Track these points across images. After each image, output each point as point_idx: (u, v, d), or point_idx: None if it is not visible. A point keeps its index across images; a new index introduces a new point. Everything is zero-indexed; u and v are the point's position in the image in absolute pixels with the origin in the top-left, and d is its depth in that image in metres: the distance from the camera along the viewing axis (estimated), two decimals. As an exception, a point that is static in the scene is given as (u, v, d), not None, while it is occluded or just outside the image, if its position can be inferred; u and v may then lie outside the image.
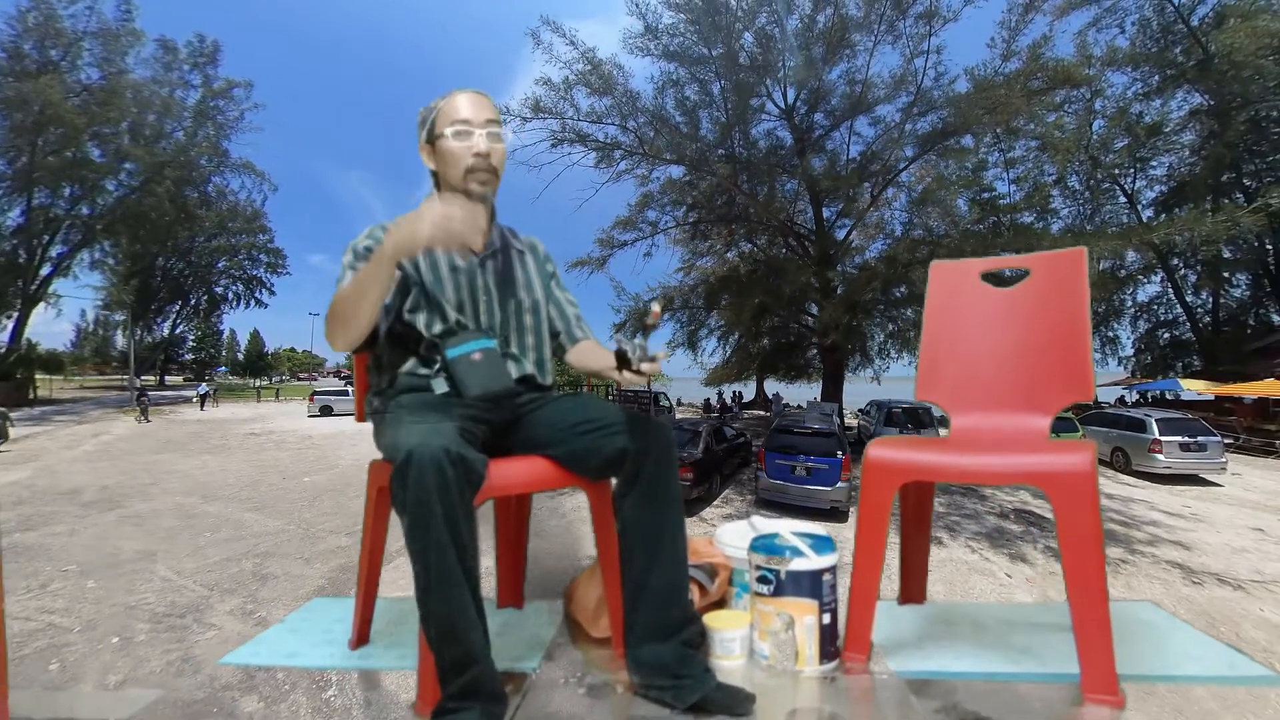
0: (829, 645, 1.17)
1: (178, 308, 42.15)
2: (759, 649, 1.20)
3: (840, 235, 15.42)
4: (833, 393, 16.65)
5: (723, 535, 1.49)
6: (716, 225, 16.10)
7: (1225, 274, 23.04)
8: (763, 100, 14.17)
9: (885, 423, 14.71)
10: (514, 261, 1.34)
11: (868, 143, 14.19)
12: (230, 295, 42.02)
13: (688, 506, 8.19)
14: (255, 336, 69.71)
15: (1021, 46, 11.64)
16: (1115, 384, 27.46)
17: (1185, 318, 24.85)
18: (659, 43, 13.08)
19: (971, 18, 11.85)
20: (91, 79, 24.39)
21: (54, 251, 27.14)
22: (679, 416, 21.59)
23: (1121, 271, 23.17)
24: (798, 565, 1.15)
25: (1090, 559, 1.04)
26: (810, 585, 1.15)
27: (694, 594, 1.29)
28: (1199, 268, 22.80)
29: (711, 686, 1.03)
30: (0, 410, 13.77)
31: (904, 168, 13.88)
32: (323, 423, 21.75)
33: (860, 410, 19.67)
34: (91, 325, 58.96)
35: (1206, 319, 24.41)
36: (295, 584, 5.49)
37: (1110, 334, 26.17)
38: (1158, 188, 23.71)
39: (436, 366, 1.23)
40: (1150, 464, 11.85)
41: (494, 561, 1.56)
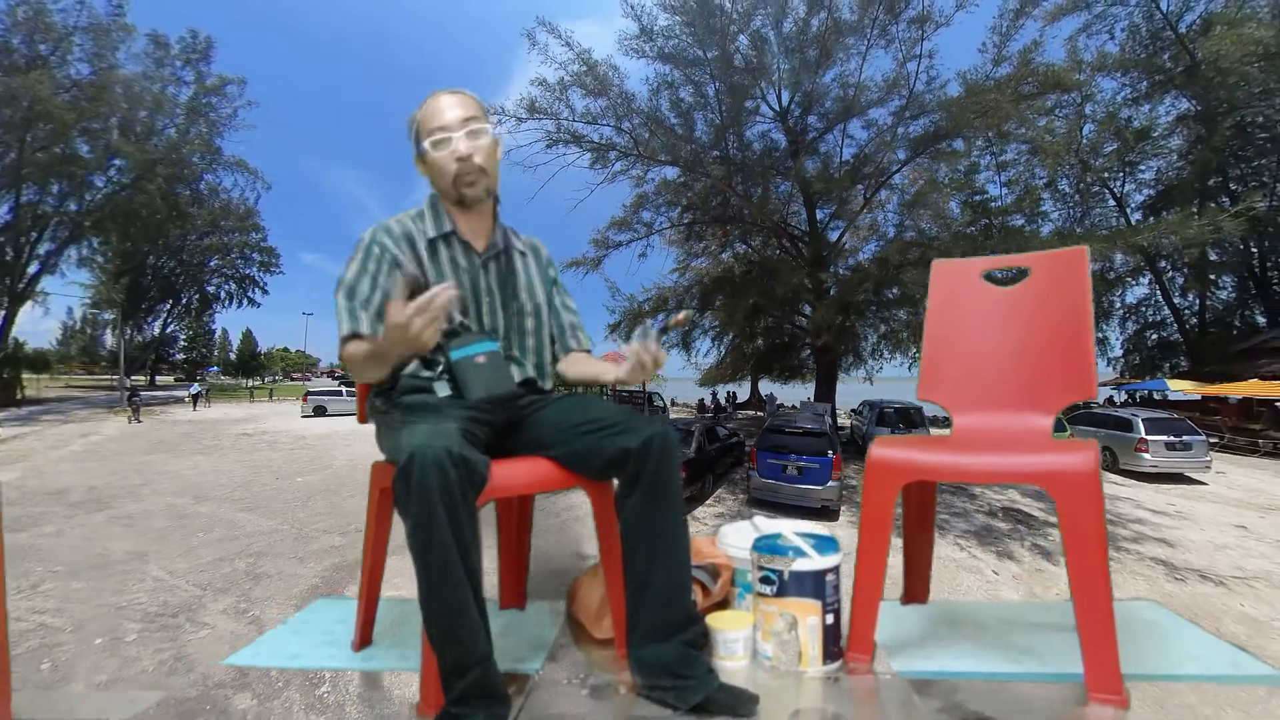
0: (832, 645, 1.16)
1: (169, 306, 41.79)
2: (762, 649, 1.19)
3: (834, 237, 15.48)
4: (826, 393, 16.70)
5: (725, 535, 1.48)
6: (711, 226, 16.11)
7: (1211, 276, 23.32)
8: (757, 102, 14.19)
9: (877, 422, 14.78)
10: (516, 263, 1.34)
11: (860, 145, 14.26)
12: (222, 294, 41.78)
13: (681, 506, 8.21)
14: (248, 336, 69.02)
15: (1012, 52, 11.71)
16: (1104, 384, 27.77)
17: (1173, 319, 25.15)
18: (654, 44, 13.07)
19: (963, 23, 11.93)
20: (81, 74, 24.08)
21: (41, 249, 26.83)
22: (673, 417, 21.59)
23: (1110, 274, 23.39)
24: (801, 565, 1.15)
25: (1093, 558, 1.03)
26: (813, 585, 1.14)
27: (697, 594, 1.28)
28: (1186, 270, 23.06)
29: (714, 687, 1.02)
30: None
31: (896, 170, 13.92)
32: (316, 423, 21.60)
33: (853, 410, 19.75)
34: (79, 323, 58.37)
35: (1193, 321, 24.71)
36: (289, 583, 5.46)
37: (1099, 335, 26.43)
38: (1146, 191, 23.99)
39: (440, 369, 1.23)
40: (1137, 463, 11.98)
41: (496, 562, 1.55)
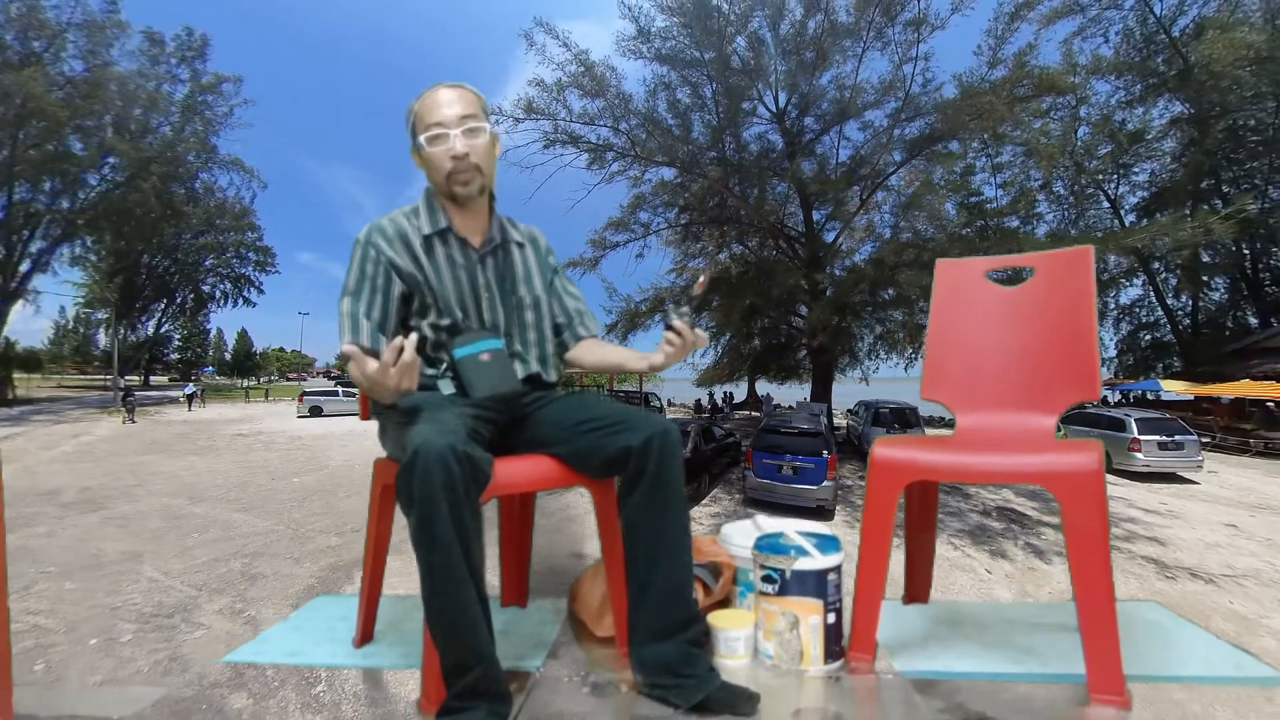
0: (834, 645, 1.16)
1: (163, 306, 41.41)
2: (763, 648, 1.19)
3: (830, 238, 15.52)
4: (822, 393, 16.74)
5: (727, 534, 1.48)
6: (708, 227, 16.12)
7: (1204, 278, 23.50)
8: (754, 104, 14.21)
9: (872, 423, 14.85)
10: (514, 256, 1.32)
11: (857, 147, 14.28)
12: (218, 294, 41.44)
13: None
14: (243, 336, 68.69)
15: (1008, 55, 11.76)
16: (1098, 385, 27.90)
17: (1166, 320, 25.30)
18: (651, 46, 13.08)
19: (959, 25, 11.97)
20: (75, 71, 23.81)
21: (33, 247, 26.58)
22: (669, 417, 21.58)
23: (1104, 275, 23.51)
24: (803, 565, 1.14)
25: (1096, 559, 1.03)
26: (815, 585, 1.14)
27: (698, 593, 1.28)
28: (1179, 272, 23.22)
29: (716, 686, 1.02)
30: None
31: (892, 172, 13.97)
32: (312, 423, 21.53)
33: (849, 410, 19.82)
34: (71, 323, 57.90)
35: (1186, 322, 24.87)
36: (285, 583, 5.45)
37: (1094, 336, 26.57)
38: (1140, 193, 24.16)
39: (444, 367, 1.22)
40: (1129, 462, 12.04)
41: (498, 560, 1.55)
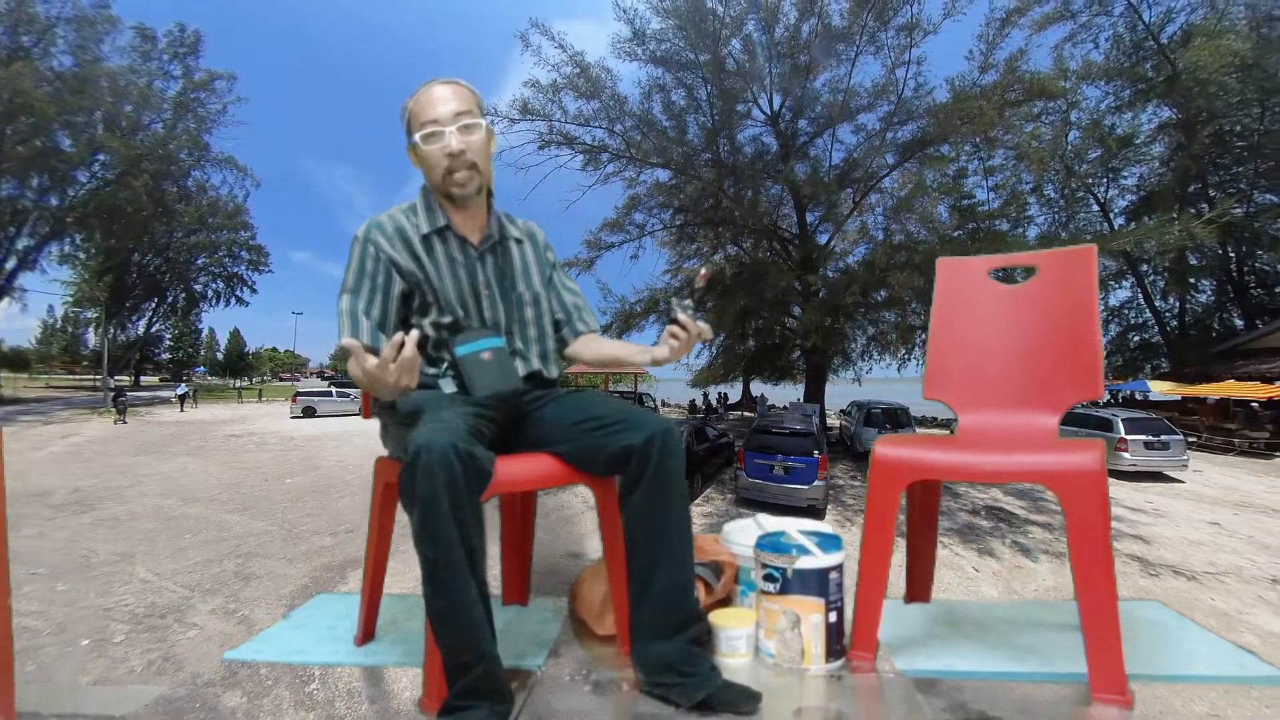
0: (835, 644, 1.16)
1: (154, 305, 40.86)
2: (765, 647, 1.19)
3: (823, 240, 15.58)
4: (815, 394, 16.81)
5: (729, 533, 1.47)
6: (703, 228, 16.15)
7: (1191, 280, 23.75)
8: (748, 106, 14.25)
9: (865, 423, 15.03)
10: (513, 252, 1.32)
11: (849, 150, 14.35)
12: (210, 293, 40.83)
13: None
14: (235, 335, 67.94)
15: (999, 59, 11.82)
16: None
17: (1154, 322, 25.56)
18: (646, 48, 13.09)
19: (951, 30, 12.04)
20: (64, 67, 23.46)
21: (20, 244, 26.19)
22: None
23: (1095, 277, 23.72)
24: (804, 563, 1.14)
25: (1099, 558, 1.03)
26: (817, 583, 1.14)
27: (699, 592, 1.27)
28: (1167, 274, 23.48)
29: (717, 685, 1.02)
30: None
31: (884, 175, 14.04)
32: (306, 424, 21.40)
33: (842, 411, 19.93)
34: (60, 322, 57.14)
35: (1174, 323, 25.12)
36: (278, 583, 5.42)
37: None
38: (1129, 197, 24.37)
39: (445, 366, 1.23)
40: (1116, 462, 12.14)
41: (499, 559, 1.55)
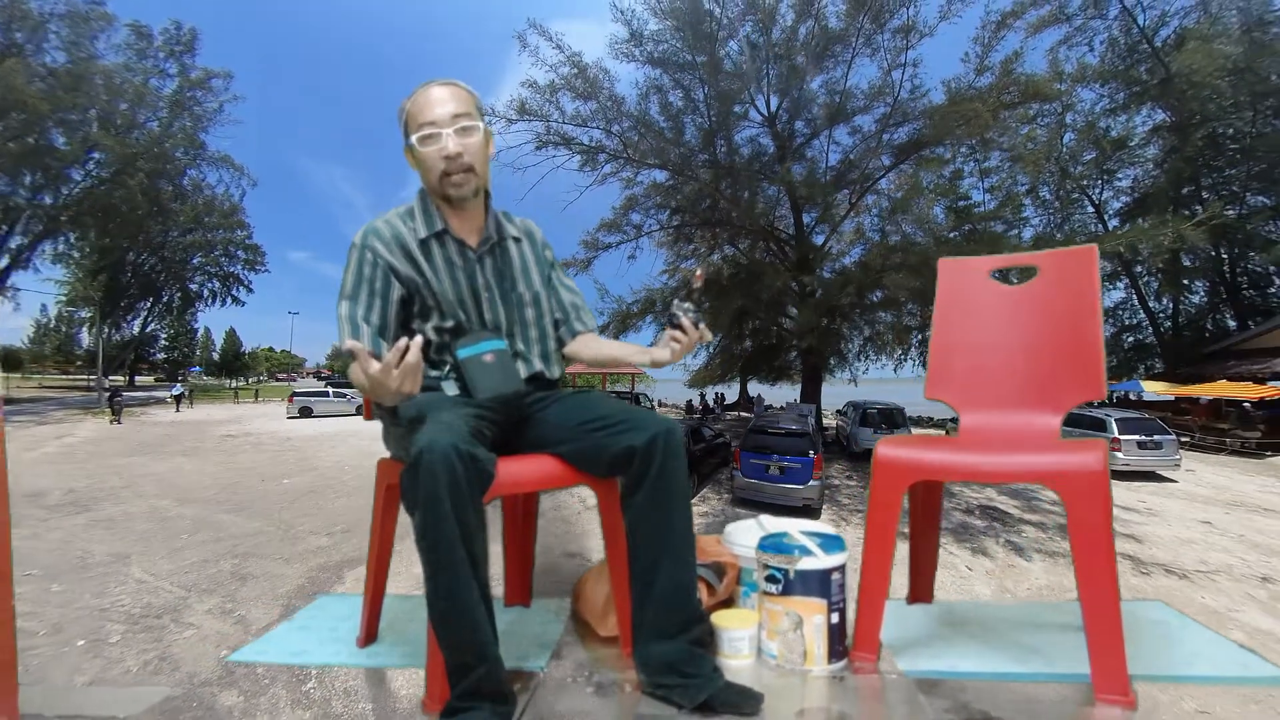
0: (837, 644, 1.16)
1: (149, 305, 40.38)
2: (767, 648, 1.19)
3: (820, 241, 15.63)
4: (811, 394, 16.85)
5: (731, 534, 1.47)
6: (700, 229, 16.17)
7: (1184, 281, 23.92)
8: (745, 107, 14.27)
9: (860, 423, 15.11)
10: (511, 253, 1.32)
11: (846, 152, 14.38)
12: (205, 292, 40.34)
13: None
14: (231, 335, 67.68)
15: (994, 62, 11.86)
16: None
17: (1148, 323, 25.70)
18: (644, 49, 13.10)
19: (947, 33, 12.10)
20: (58, 63, 23.14)
21: (12, 243, 25.95)
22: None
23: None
24: (806, 564, 1.14)
25: (1101, 558, 1.03)
26: (819, 584, 1.14)
27: (702, 593, 1.27)
28: (1161, 275, 23.64)
29: (720, 686, 1.02)
30: None
31: (880, 177, 14.09)
32: (302, 424, 21.36)
33: (838, 411, 20.00)
34: (53, 321, 56.70)
35: (1168, 324, 25.27)
36: (275, 583, 5.42)
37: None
38: (1123, 198, 24.55)
39: (447, 368, 1.22)
40: (1110, 462, 12.26)
41: (502, 560, 1.54)
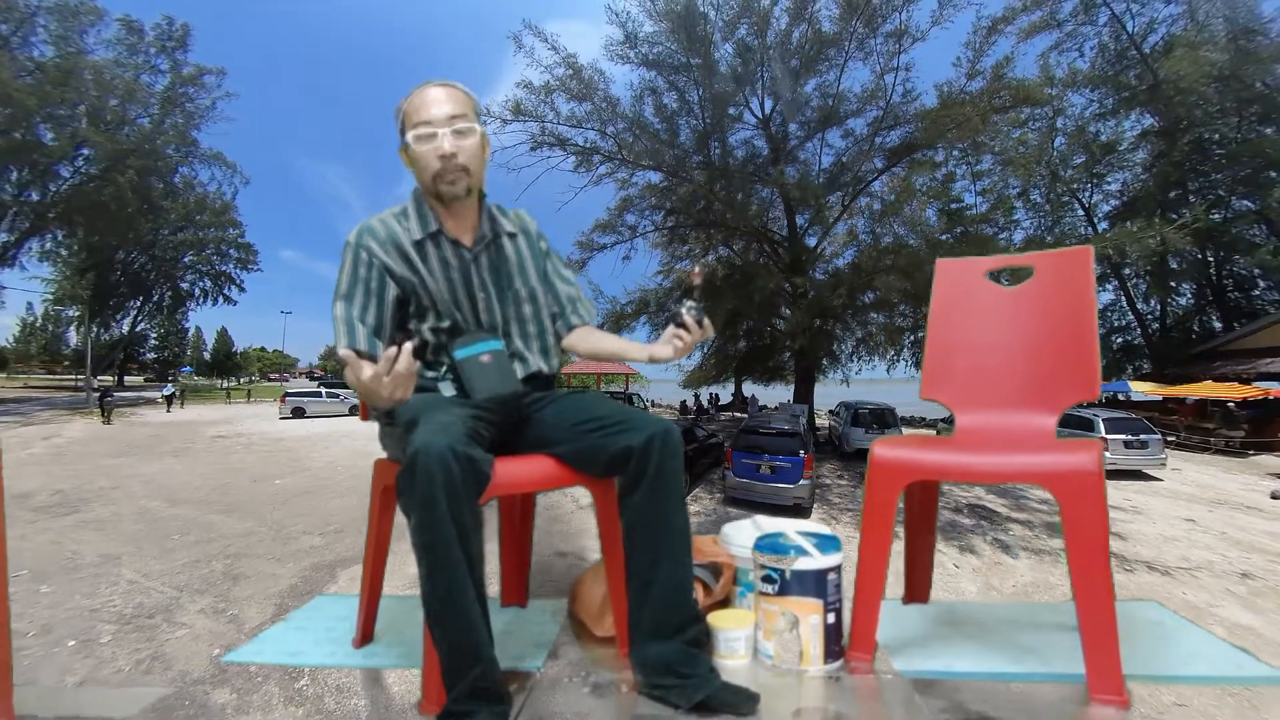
0: (834, 645, 1.16)
1: (139, 304, 40.16)
2: (764, 648, 1.19)
3: (813, 242, 15.71)
4: (804, 394, 16.93)
5: (728, 534, 1.47)
6: (694, 230, 16.21)
7: (1172, 284, 24.21)
8: (740, 110, 14.33)
9: (852, 423, 15.16)
10: (506, 249, 1.31)
11: (838, 154, 14.46)
12: (197, 291, 40.21)
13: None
14: (223, 335, 67.18)
15: (986, 67, 11.95)
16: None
17: (1136, 324, 25.99)
18: (639, 51, 13.14)
19: (939, 38, 12.20)
20: (46, 57, 22.82)
21: (-2, 240, 25.66)
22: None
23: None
24: (802, 564, 1.14)
25: (1096, 559, 1.03)
26: (815, 584, 1.14)
27: (698, 593, 1.27)
28: (1148, 277, 23.92)
29: (716, 686, 1.02)
30: None
31: (873, 179, 14.18)
32: (295, 425, 21.18)
33: (830, 411, 20.09)
34: (40, 320, 56.06)
35: (1155, 325, 25.59)
36: (268, 583, 5.39)
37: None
38: (1112, 202, 24.84)
39: (444, 369, 1.22)
40: (1099, 461, 12.42)
41: (498, 560, 1.55)
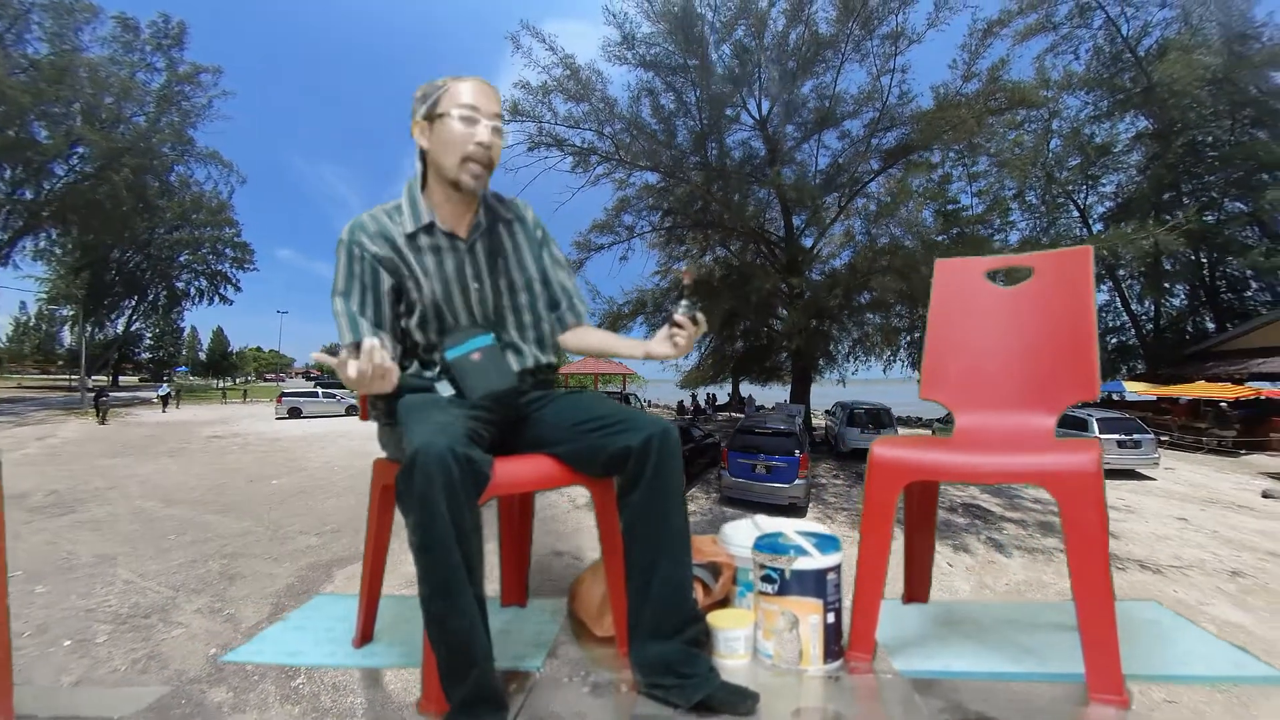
0: (833, 644, 1.16)
1: (134, 303, 39.71)
2: (763, 648, 1.19)
3: (809, 243, 15.74)
4: (801, 394, 16.95)
5: (727, 534, 1.48)
6: (691, 231, 16.22)
7: (1166, 285, 24.35)
8: (737, 111, 14.34)
9: (848, 423, 15.28)
10: (502, 238, 1.29)
11: (835, 155, 14.48)
12: (192, 291, 39.79)
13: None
14: (219, 334, 66.84)
15: (982, 69, 11.97)
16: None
17: (1131, 325, 26.14)
18: (636, 51, 13.13)
19: (935, 40, 12.22)
20: (40, 54, 22.60)
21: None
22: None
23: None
24: (802, 564, 1.14)
25: (1095, 558, 1.03)
26: (815, 584, 1.14)
27: (698, 593, 1.27)
28: (1142, 279, 24.06)
29: (715, 685, 1.02)
30: None
31: (869, 180, 14.22)
32: (291, 425, 21.08)
33: (827, 411, 20.15)
34: (33, 319, 55.71)
35: (1150, 326, 25.74)
36: (264, 583, 5.37)
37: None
38: (1107, 203, 25.01)
39: (438, 369, 1.22)
40: (1094, 461, 12.47)
41: (498, 560, 1.55)
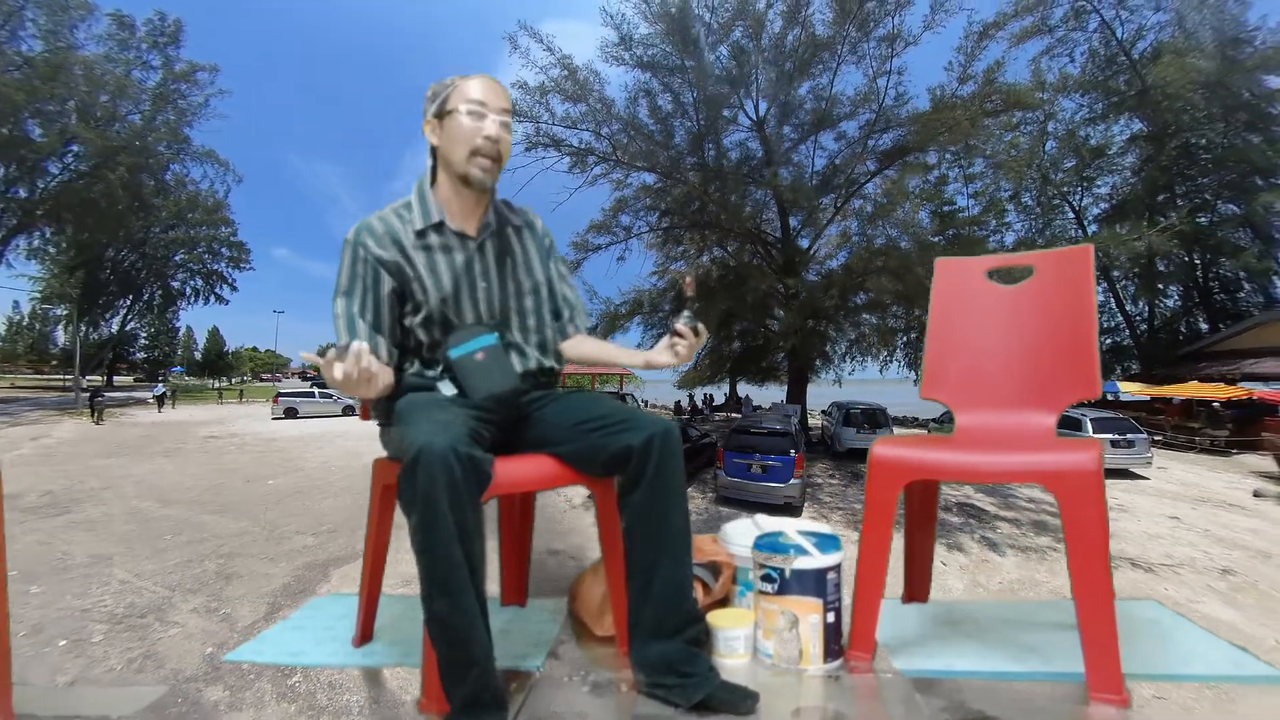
0: (833, 644, 1.16)
1: (129, 302, 39.50)
2: (763, 647, 1.19)
3: (806, 244, 15.78)
4: (797, 395, 16.98)
5: (727, 533, 1.47)
6: (689, 231, 16.24)
7: (1160, 286, 24.50)
8: (734, 112, 14.37)
9: (844, 423, 15.31)
10: (511, 241, 1.29)
11: (831, 156, 14.54)
12: (188, 290, 39.71)
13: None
14: (214, 334, 66.46)
15: (977, 71, 12.03)
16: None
17: (1125, 325, 26.26)
18: (633, 53, 13.15)
19: (931, 42, 12.29)
20: (34, 52, 22.43)
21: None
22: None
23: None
24: (802, 563, 1.14)
25: (1096, 558, 1.03)
26: (815, 584, 1.14)
27: (698, 592, 1.27)
28: (1136, 279, 24.20)
29: (715, 685, 1.02)
30: None
31: (865, 181, 14.27)
32: (287, 425, 21.08)
33: (823, 411, 20.21)
34: (27, 319, 55.34)
35: (1144, 327, 25.89)
36: (261, 582, 5.38)
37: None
38: (1102, 205, 25.14)
39: (441, 368, 1.21)
40: (1089, 461, 12.53)
41: (498, 559, 1.54)
